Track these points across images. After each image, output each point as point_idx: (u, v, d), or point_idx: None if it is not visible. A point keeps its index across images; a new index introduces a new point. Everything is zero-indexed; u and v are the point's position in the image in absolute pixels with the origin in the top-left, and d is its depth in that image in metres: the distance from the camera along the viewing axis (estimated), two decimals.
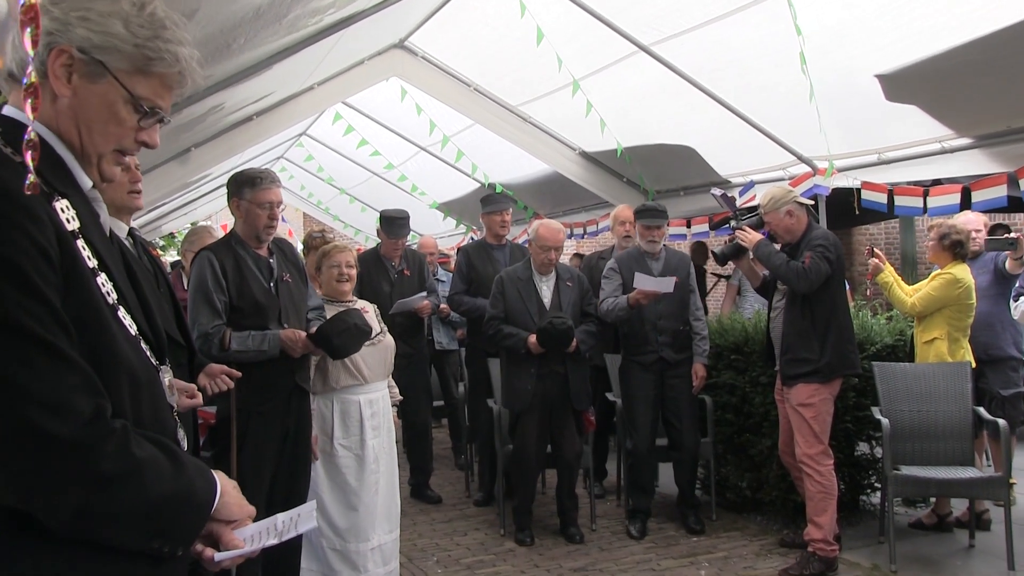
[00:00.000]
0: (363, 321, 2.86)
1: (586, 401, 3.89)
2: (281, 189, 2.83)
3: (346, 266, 3.19)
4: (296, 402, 2.83)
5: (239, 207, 2.77)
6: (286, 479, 2.80)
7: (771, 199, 3.48)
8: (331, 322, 2.80)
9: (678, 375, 3.95)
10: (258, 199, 2.73)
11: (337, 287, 3.20)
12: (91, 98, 1.03)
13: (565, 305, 3.88)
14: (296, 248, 3.07)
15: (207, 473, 1.04)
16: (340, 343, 2.78)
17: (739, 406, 4.16)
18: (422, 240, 6.22)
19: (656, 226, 4.00)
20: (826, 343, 3.32)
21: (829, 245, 3.33)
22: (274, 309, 2.76)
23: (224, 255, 2.73)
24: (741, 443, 4.19)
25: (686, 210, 5.29)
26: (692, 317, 4.02)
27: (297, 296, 2.88)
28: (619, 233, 4.65)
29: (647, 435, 3.96)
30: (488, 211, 4.62)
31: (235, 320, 2.70)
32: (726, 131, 4.51)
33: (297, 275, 2.91)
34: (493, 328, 3.90)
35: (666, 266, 4.02)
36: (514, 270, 4.02)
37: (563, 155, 5.57)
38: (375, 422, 3.15)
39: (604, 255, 4.77)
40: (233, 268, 2.71)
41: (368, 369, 3.15)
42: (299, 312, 2.87)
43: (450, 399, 5.41)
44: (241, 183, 2.76)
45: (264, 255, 2.82)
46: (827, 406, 3.37)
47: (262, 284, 2.76)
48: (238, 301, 2.69)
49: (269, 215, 2.73)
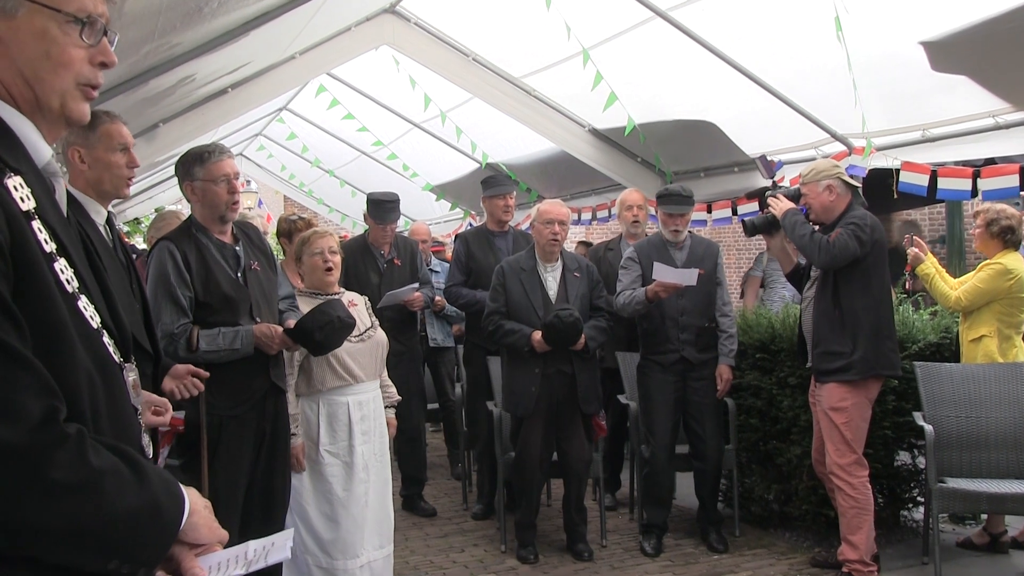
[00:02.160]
0: (347, 313, 2.85)
1: (596, 404, 3.88)
2: (235, 160, 2.79)
3: (329, 252, 3.18)
4: (272, 403, 2.83)
5: (193, 190, 2.71)
6: (263, 488, 2.80)
7: (812, 169, 3.48)
8: (312, 315, 2.79)
9: (701, 377, 3.94)
10: (212, 173, 2.68)
11: (324, 277, 3.18)
12: (19, 35, 0.99)
13: (572, 298, 3.87)
14: (261, 232, 3.04)
15: (175, 487, 1.02)
16: (323, 338, 2.77)
17: (765, 410, 4.15)
18: (414, 226, 6.20)
19: (680, 213, 3.98)
20: (859, 336, 3.30)
21: (864, 224, 3.31)
22: (244, 302, 2.74)
23: (185, 244, 2.69)
24: (767, 451, 4.18)
25: (707, 193, 5.26)
26: (718, 313, 4.00)
27: (267, 286, 2.86)
28: (626, 219, 4.63)
29: (665, 442, 3.95)
30: (489, 194, 4.61)
31: (202, 317, 2.67)
32: (751, 106, 4.47)
33: (265, 262, 2.89)
34: (493, 323, 3.89)
35: (691, 256, 4.00)
36: (516, 259, 4.01)
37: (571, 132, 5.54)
38: (365, 426, 3.14)
39: (611, 245, 4.77)
40: (196, 258, 2.68)
41: (358, 368, 3.14)
42: (271, 303, 2.86)
43: (446, 401, 5.41)
44: (189, 162, 2.71)
45: (229, 241, 2.79)
46: (861, 411, 3.35)
47: (229, 274, 2.73)
48: (204, 295, 2.66)
49: (228, 188, 2.69)
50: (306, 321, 2.76)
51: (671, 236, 4.01)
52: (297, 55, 4.85)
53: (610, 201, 6.09)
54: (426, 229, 6.03)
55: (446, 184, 7.73)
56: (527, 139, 5.97)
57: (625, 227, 4.68)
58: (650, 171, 5.59)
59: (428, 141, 6.93)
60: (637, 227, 4.61)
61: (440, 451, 5.97)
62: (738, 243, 12.53)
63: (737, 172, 5.00)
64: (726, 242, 12.41)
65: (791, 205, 3.51)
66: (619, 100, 4.86)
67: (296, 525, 2.99)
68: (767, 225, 3.63)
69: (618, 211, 4.74)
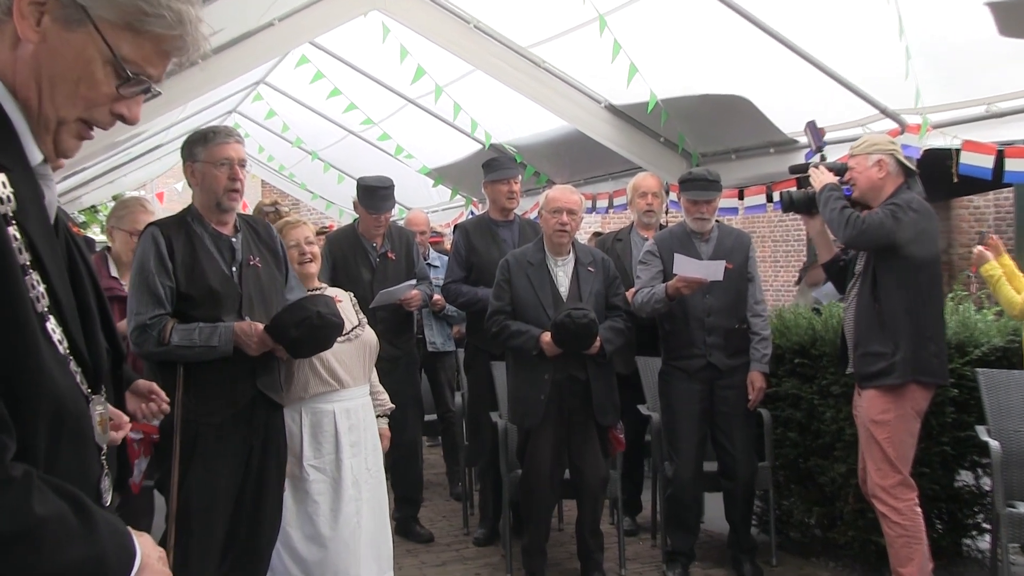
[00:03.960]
0: (329, 309, 2.85)
1: (613, 415, 3.87)
2: (242, 145, 2.86)
3: (306, 243, 3.20)
4: (262, 416, 2.82)
5: (193, 172, 2.81)
6: (250, 517, 2.78)
7: (865, 141, 3.48)
8: (288, 310, 2.79)
9: (731, 385, 3.92)
10: (213, 155, 2.76)
11: (302, 271, 3.20)
12: (63, 49, 1.00)
13: (586, 294, 3.86)
14: (272, 226, 3.08)
15: (126, 540, 1.02)
16: (300, 336, 2.76)
17: (805, 423, 4.12)
18: (410, 215, 6.20)
19: (706, 200, 3.95)
20: (900, 335, 3.27)
21: (907, 207, 3.29)
22: (232, 298, 2.76)
23: (174, 232, 2.76)
24: (808, 469, 4.15)
25: (738, 178, 5.23)
26: (750, 313, 3.98)
27: (267, 285, 2.88)
28: (639, 207, 4.63)
29: (691, 458, 3.93)
30: (492, 179, 4.60)
31: (183, 310, 2.72)
32: (789, 78, 4.44)
33: (271, 260, 2.93)
34: (497, 324, 3.88)
35: (718, 249, 3.99)
36: (523, 252, 4.00)
37: (585, 109, 5.50)
38: (354, 437, 3.14)
39: (621, 235, 4.76)
40: (184, 247, 2.73)
41: (344, 371, 3.14)
42: (268, 304, 2.86)
43: (445, 412, 5.40)
44: (193, 142, 2.81)
45: (226, 233, 2.83)
46: (906, 425, 3.32)
47: (220, 268, 2.77)
48: (187, 287, 2.71)
49: (229, 174, 2.76)
50: (281, 316, 2.76)
51: (696, 226, 3.98)
52: (276, 21, 4.82)
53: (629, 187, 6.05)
54: (423, 218, 6.03)
55: (445, 168, 7.71)
56: (535, 117, 5.95)
57: (637, 216, 4.67)
58: (674, 153, 5.55)
59: (424, 119, 6.92)
60: (651, 217, 4.59)
61: (438, 468, 5.96)
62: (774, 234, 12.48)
63: (773, 153, 4.96)
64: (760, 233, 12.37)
65: (832, 179, 3.48)
66: (640, 72, 4.82)
67: (277, 551, 2.97)
68: (806, 202, 3.58)
69: (630, 197, 4.73)
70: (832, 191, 3.43)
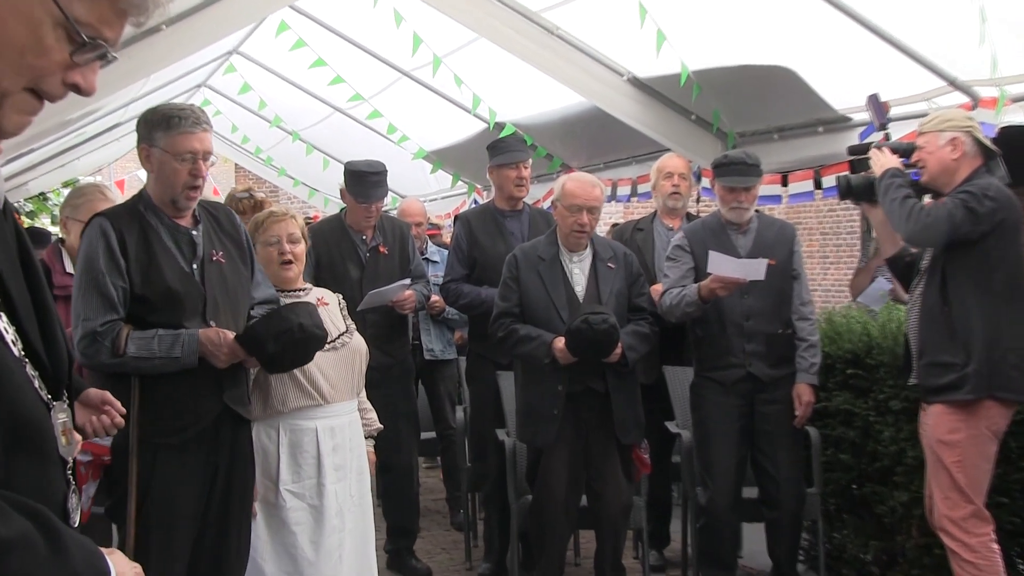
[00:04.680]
0: (312, 319, 2.83)
1: (637, 432, 3.87)
2: (210, 134, 2.83)
3: (288, 241, 3.19)
4: (228, 433, 2.82)
5: (149, 157, 2.77)
6: (213, 547, 2.79)
7: (937, 117, 3.45)
8: (266, 320, 2.79)
9: (774, 399, 3.91)
10: (176, 146, 2.71)
11: (279, 272, 3.20)
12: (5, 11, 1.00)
13: (606, 295, 3.85)
14: (235, 216, 3.07)
15: (99, 561, 1.03)
16: (278, 351, 2.75)
17: (860, 443, 4.11)
18: (405, 205, 6.22)
19: (745, 187, 3.93)
20: (973, 343, 3.24)
21: (982, 195, 3.25)
22: (195, 300, 2.76)
23: (126, 224, 2.74)
24: (863, 497, 4.14)
25: (781, 161, 5.20)
26: (795, 316, 3.97)
27: (233, 283, 2.87)
28: (663, 190, 4.63)
29: (728, 483, 3.93)
30: (498, 163, 4.60)
31: (138, 315, 2.71)
32: (841, 46, 4.41)
33: (236, 254, 2.92)
34: (504, 328, 3.87)
35: (758, 242, 3.98)
36: (533, 246, 4.00)
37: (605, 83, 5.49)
38: (338, 459, 3.14)
39: (642, 224, 4.77)
40: (138, 242, 2.72)
41: (328, 384, 3.14)
42: (235, 305, 2.86)
43: (444, 429, 5.41)
44: (152, 124, 2.76)
45: (186, 224, 2.82)
46: (980, 447, 3.28)
47: (179, 265, 2.76)
48: (143, 288, 2.70)
49: (191, 170, 2.73)
50: (257, 327, 2.76)
51: (732, 216, 3.97)
52: None
53: None
54: (420, 208, 6.04)
55: (444, 150, 7.72)
56: (547, 92, 5.92)
57: (661, 201, 4.67)
58: (707, 132, 5.52)
59: (421, 95, 6.92)
60: (677, 201, 4.59)
61: (436, 493, 5.96)
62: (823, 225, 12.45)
63: (822, 133, 4.92)
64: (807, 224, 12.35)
65: (895, 162, 3.44)
66: (668, 40, 4.81)
67: None
68: (867, 188, 3.55)
69: (653, 180, 4.74)
70: (895, 176, 3.38)
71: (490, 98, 6.47)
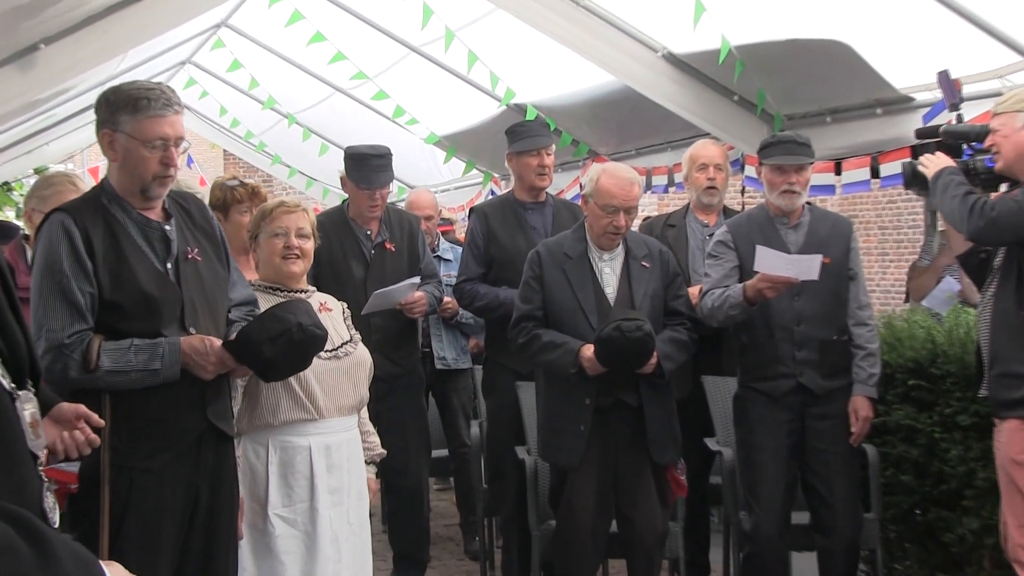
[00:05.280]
0: (311, 318, 2.83)
1: (673, 451, 3.87)
2: (182, 116, 2.80)
3: (297, 235, 3.19)
4: (211, 452, 2.81)
5: (113, 144, 2.74)
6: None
7: (1013, 96, 3.42)
8: (261, 321, 2.77)
9: (828, 414, 3.90)
10: (144, 132, 2.69)
11: (283, 267, 3.20)
12: None
13: (640, 297, 3.85)
14: (205, 204, 3.08)
15: (93, 567, 1.03)
16: (275, 355, 2.74)
17: (924, 463, 4.09)
18: (414, 196, 6.23)
19: (796, 166, 3.91)
20: None
21: None
22: (172, 305, 2.74)
23: (90, 220, 2.70)
24: (928, 524, 4.12)
25: (835, 147, 5.18)
26: (852, 320, 3.95)
27: (210, 283, 2.86)
28: (697, 183, 4.61)
29: (776, 508, 3.91)
30: (518, 149, 4.61)
31: (109, 323, 2.68)
32: (902, 17, 4.41)
33: (211, 250, 2.90)
34: (525, 334, 3.88)
35: (811, 238, 3.97)
36: (558, 242, 4.00)
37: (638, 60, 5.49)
38: (335, 481, 3.13)
39: (674, 220, 4.76)
40: (105, 240, 2.69)
41: (325, 396, 3.14)
42: (213, 308, 2.86)
43: (458, 447, 5.42)
44: (116, 106, 2.72)
45: (156, 218, 2.80)
46: None
47: (153, 265, 2.74)
48: (113, 292, 2.67)
49: (162, 159, 2.70)
50: (251, 330, 2.74)
51: (783, 202, 3.96)
52: None
53: None
54: (431, 199, 6.04)
55: (458, 135, 7.74)
56: (572, 70, 5.94)
57: (695, 194, 4.65)
58: (751, 115, 5.52)
59: (432, 73, 6.95)
60: (712, 196, 4.57)
61: (449, 518, 5.97)
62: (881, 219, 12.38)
63: (881, 115, 4.91)
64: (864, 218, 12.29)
65: (950, 163, 3.45)
66: (708, 12, 4.81)
67: None
68: None
69: (686, 170, 4.73)
70: (952, 175, 3.39)
71: (509, 77, 6.47)
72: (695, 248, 4.55)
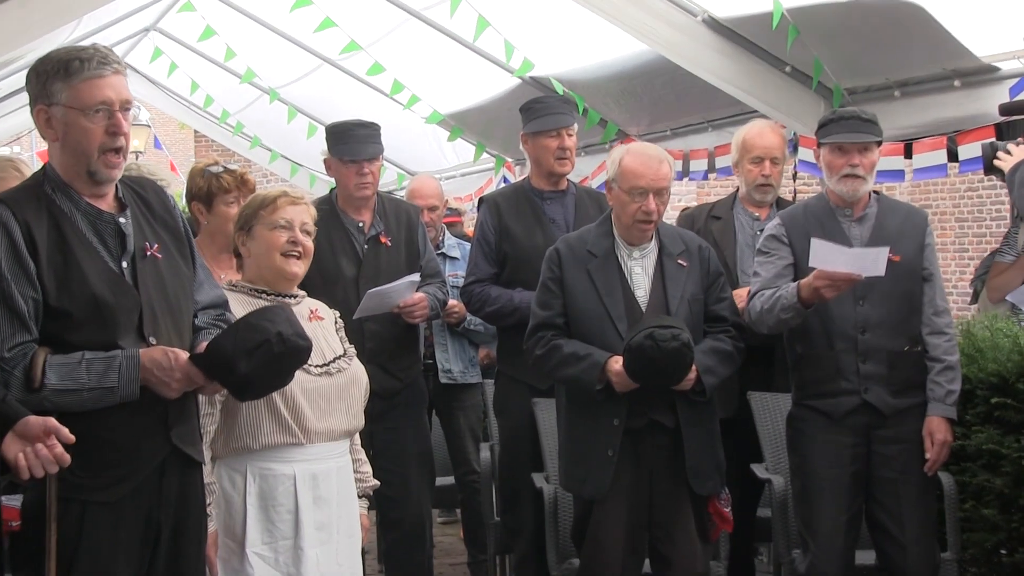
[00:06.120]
0: (293, 327, 2.82)
1: (715, 479, 3.89)
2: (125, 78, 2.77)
3: (302, 230, 3.22)
4: (174, 482, 2.81)
5: (50, 120, 2.72)
6: None
7: None
8: (235, 331, 2.76)
9: (897, 437, 3.90)
10: (82, 97, 2.66)
11: (284, 267, 3.21)
12: None
13: (676, 301, 3.86)
14: (168, 193, 3.03)
15: None
16: (251, 370, 2.72)
17: (1010, 494, 4.06)
18: (415, 184, 6.25)
19: (861, 147, 3.90)
20: None
21: None
22: (128, 311, 2.72)
23: (32, 212, 2.67)
24: (1015, 565, 4.09)
25: (905, 126, 5.21)
26: (927, 329, 3.94)
27: (173, 285, 2.85)
28: (749, 176, 4.62)
29: (837, 546, 3.90)
30: (535, 129, 4.63)
31: (56, 333, 2.66)
32: None
33: (173, 245, 2.89)
34: (544, 344, 3.89)
35: (878, 232, 3.95)
36: (581, 238, 4.01)
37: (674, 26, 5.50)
38: (321, 515, 3.15)
39: (718, 211, 4.76)
40: (50, 236, 2.67)
41: (315, 417, 3.15)
42: (177, 314, 2.84)
43: (465, 474, 5.45)
44: (46, 75, 2.70)
45: (109, 209, 2.79)
46: None
47: (106, 264, 2.73)
48: (59, 298, 2.65)
49: (108, 127, 2.68)
50: (224, 341, 2.72)
51: (844, 189, 3.94)
52: None
53: None
54: (435, 187, 6.05)
55: (465, 113, 7.77)
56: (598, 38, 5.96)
57: (745, 187, 4.65)
58: (805, 89, 5.54)
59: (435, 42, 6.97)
60: (765, 193, 4.57)
61: (455, 555, 6.00)
62: (959, 209, 12.35)
63: (959, 88, 4.92)
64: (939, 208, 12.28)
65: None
66: None
67: None
68: None
69: (735, 157, 4.72)
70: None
71: (525, 46, 6.49)
72: (744, 244, 4.55)
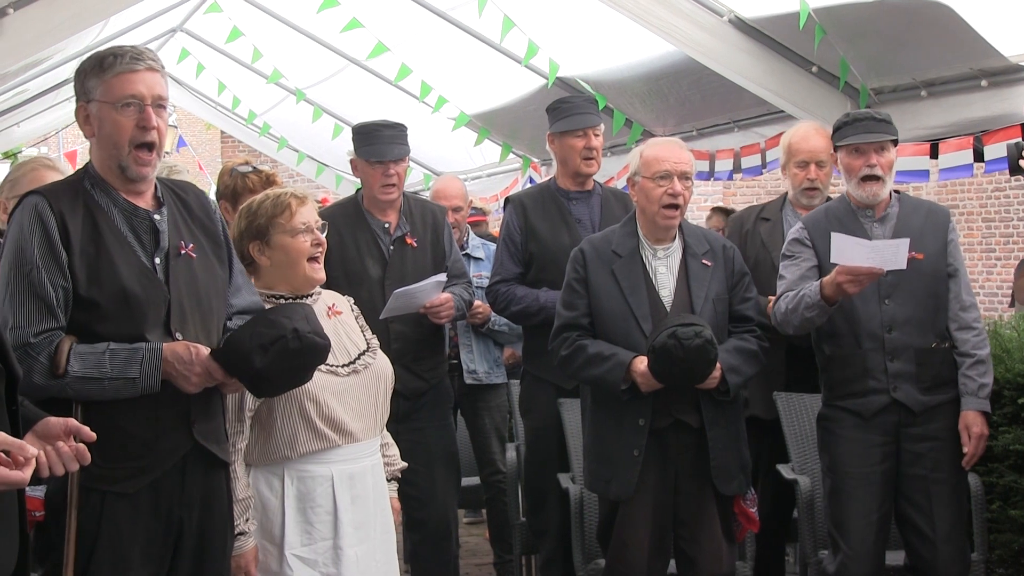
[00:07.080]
0: (311, 324, 2.83)
1: (741, 480, 3.88)
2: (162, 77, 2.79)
3: (318, 228, 3.22)
4: (198, 478, 2.81)
5: (88, 117, 2.76)
6: None
7: None
8: (250, 327, 2.76)
9: (928, 435, 3.87)
10: (112, 92, 2.70)
11: (311, 275, 3.21)
12: None
13: (700, 301, 3.86)
14: (207, 196, 3.07)
15: None
16: (266, 365, 2.73)
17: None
18: (440, 184, 6.26)
19: (877, 147, 3.89)
20: None
21: None
22: (157, 306, 2.74)
23: (68, 205, 2.70)
24: None
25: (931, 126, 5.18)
26: (955, 324, 3.92)
27: (205, 284, 2.87)
28: (796, 179, 4.56)
29: (867, 546, 3.87)
30: (561, 129, 4.64)
31: (83, 323, 2.69)
32: None
33: (209, 248, 2.91)
34: (569, 344, 3.90)
35: (901, 230, 3.94)
36: (606, 238, 4.01)
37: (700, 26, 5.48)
38: (360, 515, 3.16)
39: (768, 212, 4.72)
40: (85, 227, 2.69)
41: (349, 418, 3.15)
42: (206, 313, 2.85)
43: (491, 474, 5.45)
44: (85, 73, 2.75)
45: (145, 206, 2.81)
46: None
47: (139, 259, 2.75)
48: (89, 289, 2.68)
49: (138, 120, 2.70)
50: (240, 336, 2.74)
51: (863, 193, 3.93)
52: None
53: (765, 141, 6.00)
54: (460, 188, 6.06)
55: (492, 114, 7.77)
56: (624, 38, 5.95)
57: (792, 189, 4.61)
58: (832, 89, 5.50)
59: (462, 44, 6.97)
60: (812, 197, 4.52)
61: (481, 556, 6.01)
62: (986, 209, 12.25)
63: (986, 87, 4.88)
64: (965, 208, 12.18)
65: None
66: None
67: None
68: None
69: (783, 161, 4.66)
70: None
71: (550, 47, 6.48)
72: None
